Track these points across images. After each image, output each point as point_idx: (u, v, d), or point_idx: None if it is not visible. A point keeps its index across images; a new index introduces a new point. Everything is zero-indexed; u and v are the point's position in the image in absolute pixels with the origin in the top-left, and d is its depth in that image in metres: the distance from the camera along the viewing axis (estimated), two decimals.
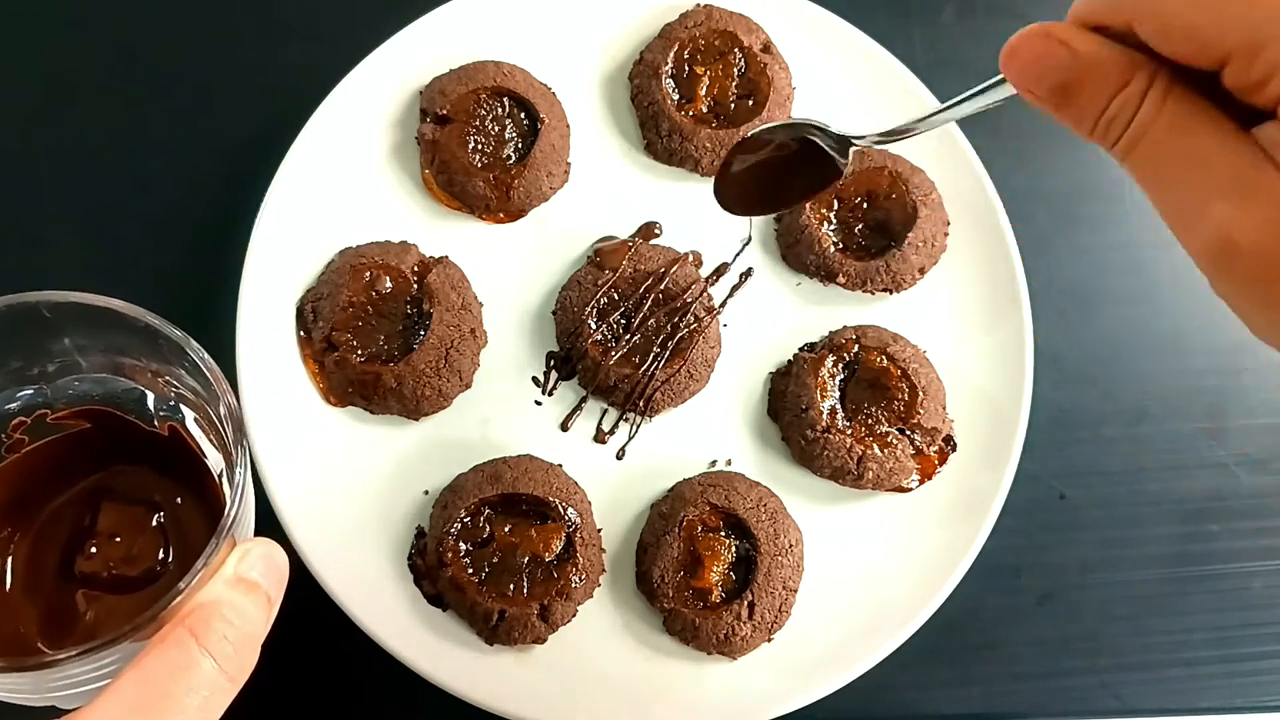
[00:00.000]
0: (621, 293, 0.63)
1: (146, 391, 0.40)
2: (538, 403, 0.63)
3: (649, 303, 0.63)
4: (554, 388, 0.63)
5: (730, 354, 0.64)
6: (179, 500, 0.41)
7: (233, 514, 0.33)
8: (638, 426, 0.63)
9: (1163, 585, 0.65)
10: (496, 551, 0.58)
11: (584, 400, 0.63)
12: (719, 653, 0.58)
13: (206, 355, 0.37)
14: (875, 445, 0.61)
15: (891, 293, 0.66)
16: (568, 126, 0.66)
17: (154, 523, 0.40)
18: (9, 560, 0.38)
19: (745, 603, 0.58)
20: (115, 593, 0.39)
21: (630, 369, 0.62)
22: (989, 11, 0.75)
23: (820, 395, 0.62)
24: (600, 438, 0.63)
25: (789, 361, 0.65)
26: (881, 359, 0.62)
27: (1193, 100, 0.31)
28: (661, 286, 0.63)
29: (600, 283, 0.63)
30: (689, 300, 0.63)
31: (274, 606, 0.33)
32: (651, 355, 0.62)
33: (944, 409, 0.63)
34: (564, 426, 0.63)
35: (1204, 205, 0.30)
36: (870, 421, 0.62)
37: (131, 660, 0.30)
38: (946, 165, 0.67)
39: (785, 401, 0.63)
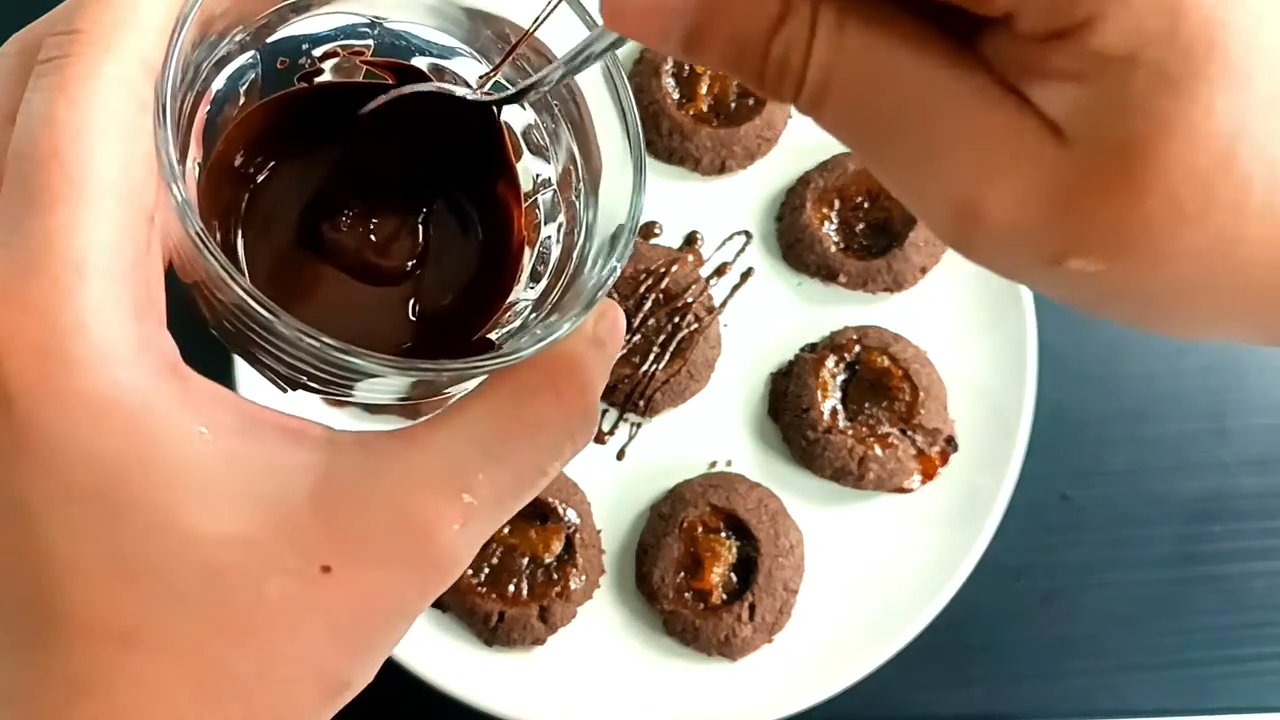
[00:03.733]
0: (621, 292, 0.63)
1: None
2: None
3: (649, 303, 0.63)
4: None
5: (730, 354, 0.64)
6: (447, 203, 0.34)
7: (623, 258, 0.29)
8: (638, 427, 0.63)
9: (1165, 586, 0.65)
10: (496, 553, 0.58)
11: None
12: (720, 654, 0.58)
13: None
14: (876, 446, 0.61)
15: (893, 292, 0.65)
16: None
17: (417, 218, 0.34)
18: (246, 192, 0.32)
19: (746, 604, 0.58)
20: (352, 275, 0.33)
21: (630, 369, 0.62)
22: None
23: (821, 395, 0.62)
24: (600, 438, 0.62)
25: (790, 362, 0.64)
26: (883, 359, 0.62)
27: (884, 23, 0.21)
28: (661, 286, 0.63)
29: None
30: (689, 300, 0.63)
31: (608, 375, 0.30)
32: (651, 355, 0.62)
33: (945, 409, 0.63)
34: None
35: (931, 166, 0.22)
36: (871, 422, 0.62)
37: (476, 389, 0.27)
38: None
39: (786, 402, 0.63)
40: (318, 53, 0.32)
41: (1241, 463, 0.67)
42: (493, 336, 0.32)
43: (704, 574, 0.58)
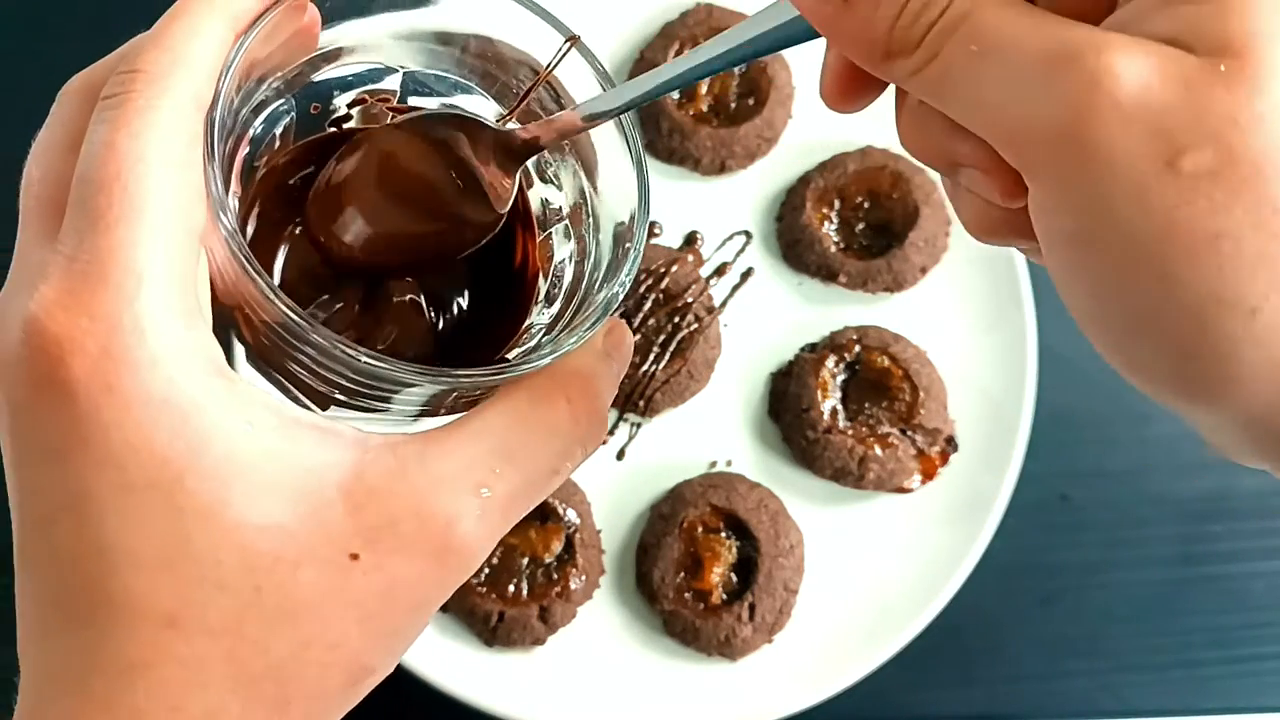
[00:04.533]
0: None
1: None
2: None
3: (649, 303, 0.62)
4: None
5: (730, 354, 0.64)
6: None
7: (627, 283, 0.31)
8: (638, 427, 0.63)
9: (1165, 586, 0.64)
10: (496, 553, 0.58)
11: None
12: (720, 654, 0.58)
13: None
14: (877, 446, 0.61)
15: (893, 292, 0.65)
16: None
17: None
18: (283, 226, 0.35)
19: (746, 604, 0.58)
20: (379, 304, 0.35)
21: (630, 369, 0.62)
22: None
23: (821, 395, 0.62)
24: None
25: (790, 362, 0.64)
26: (883, 359, 0.62)
27: None
28: (661, 286, 0.63)
29: None
30: (689, 300, 0.63)
31: (616, 389, 0.32)
32: (651, 355, 0.62)
33: (946, 409, 0.63)
34: None
35: (1068, 45, 0.23)
36: (872, 422, 0.62)
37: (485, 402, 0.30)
38: None
39: (786, 402, 0.63)
40: (347, 98, 0.35)
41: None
42: (510, 356, 0.34)
43: (704, 574, 0.58)
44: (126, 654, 0.25)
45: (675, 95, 0.66)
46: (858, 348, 0.63)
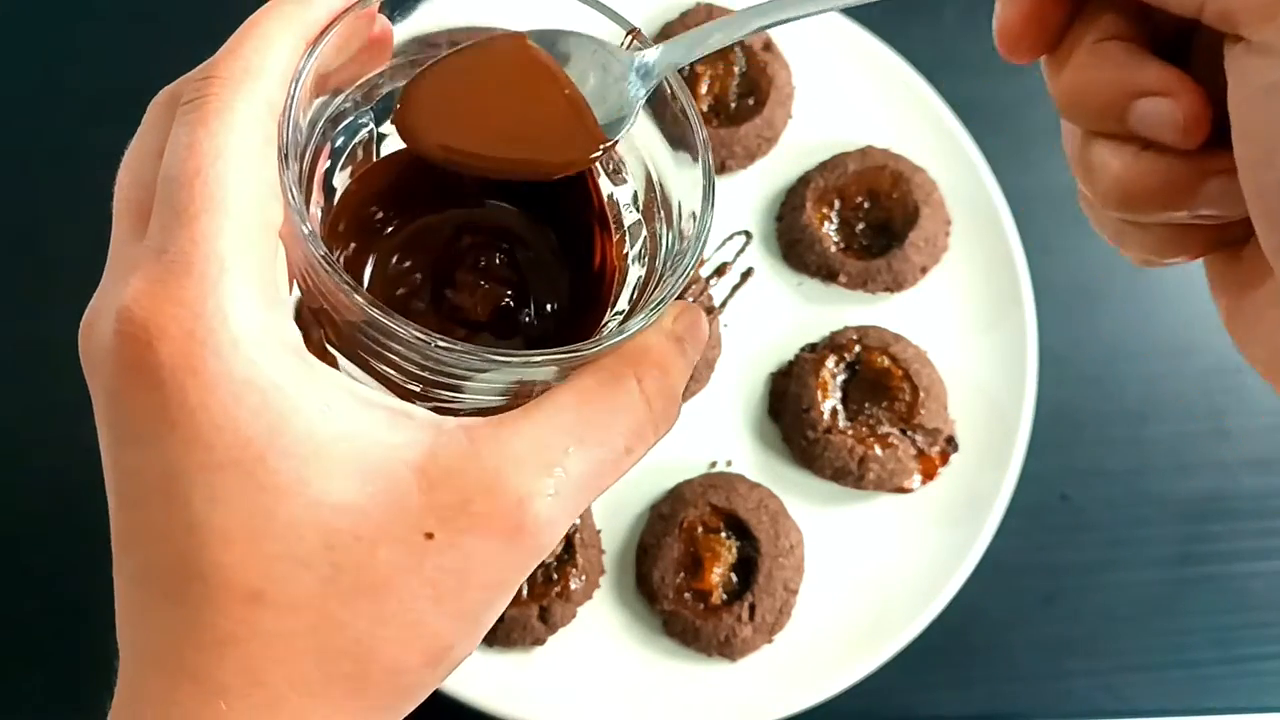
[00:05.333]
0: None
1: None
2: None
3: None
4: None
5: (730, 354, 0.64)
6: (542, 245, 0.38)
7: (692, 262, 0.31)
8: None
9: (1165, 586, 0.64)
10: None
11: None
12: (720, 655, 0.58)
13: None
14: (877, 446, 0.61)
15: (893, 292, 0.65)
16: None
17: (509, 264, 0.37)
18: (365, 239, 0.36)
19: (746, 604, 0.58)
20: (460, 310, 0.36)
21: None
22: (991, 10, 0.75)
23: (821, 395, 0.62)
24: None
25: (790, 362, 0.64)
26: (883, 359, 0.62)
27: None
28: None
29: None
30: (689, 300, 0.63)
31: (690, 372, 0.33)
32: None
33: (946, 409, 0.63)
34: None
35: None
36: (872, 422, 0.62)
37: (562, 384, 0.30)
38: (948, 164, 0.67)
39: (786, 402, 0.63)
40: None
41: (1241, 463, 0.67)
42: None
43: (704, 574, 0.58)
44: (215, 629, 0.26)
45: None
46: (858, 348, 0.63)
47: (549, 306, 0.37)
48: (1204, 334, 0.69)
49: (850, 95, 0.68)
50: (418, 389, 0.32)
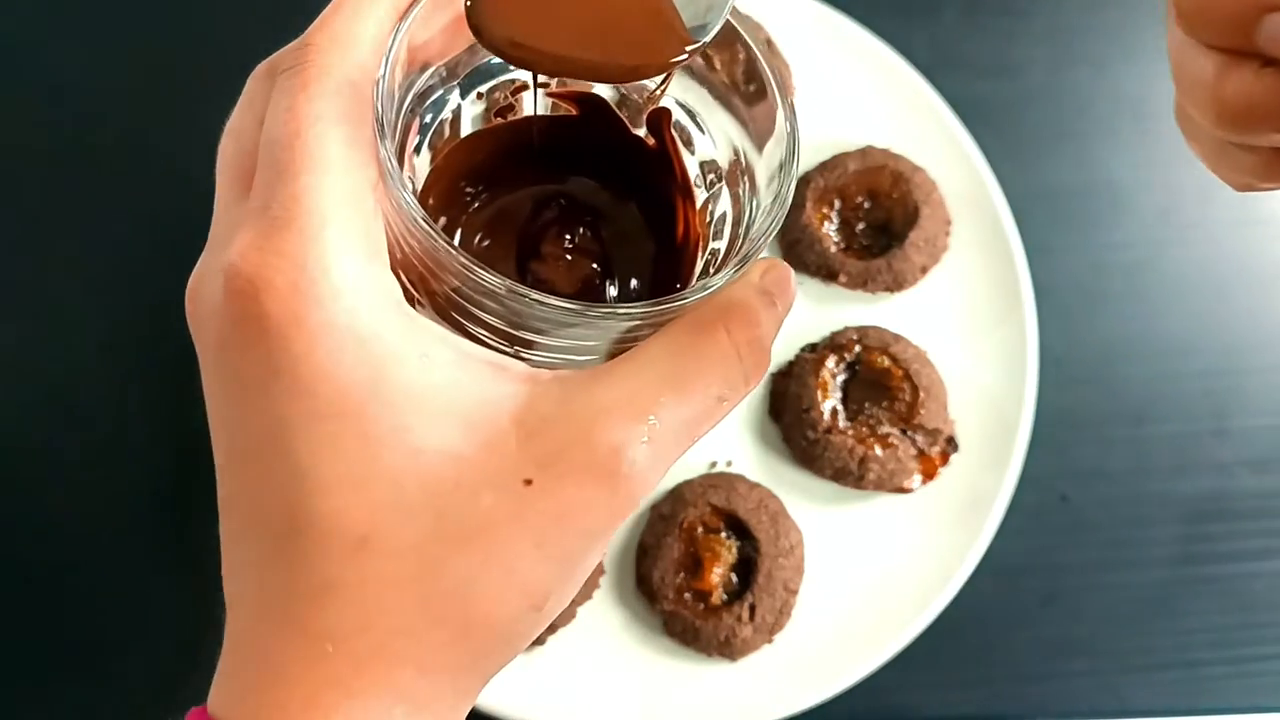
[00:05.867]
0: None
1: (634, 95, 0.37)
2: None
3: None
4: None
5: None
6: (626, 218, 0.38)
7: (780, 215, 0.31)
8: None
9: (1165, 586, 0.64)
10: None
11: None
12: (719, 655, 0.58)
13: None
14: (877, 446, 0.61)
15: (893, 292, 0.65)
16: None
17: (594, 238, 0.38)
18: (455, 214, 0.37)
19: (746, 604, 0.58)
20: (549, 282, 0.37)
21: None
22: (991, 10, 0.75)
23: (822, 396, 0.62)
24: None
25: (790, 362, 0.64)
26: (883, 359, 0.62)
27: None
28: None
29: None
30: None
31: (779, 327, 0.33)
32: None
33: (946, 409, 0.63)
34: None
35: None
36: (872, 422, 0.62)
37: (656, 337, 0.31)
38: (949, 164, 0.67)
39: (786, 402, 0.63)
40: (510, 86, 0.36)
41: (1241, 463, 0.67)
42: None
43: (704, 574, 0.58)
44: (321, 574, 0.27)
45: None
46: (858, 348, 0.63)
47: (633, 279, 0.37)
48: (1204, 334, 0.69)
49: (850, 95, 0.68)
50: (510, 351, 0.32)
